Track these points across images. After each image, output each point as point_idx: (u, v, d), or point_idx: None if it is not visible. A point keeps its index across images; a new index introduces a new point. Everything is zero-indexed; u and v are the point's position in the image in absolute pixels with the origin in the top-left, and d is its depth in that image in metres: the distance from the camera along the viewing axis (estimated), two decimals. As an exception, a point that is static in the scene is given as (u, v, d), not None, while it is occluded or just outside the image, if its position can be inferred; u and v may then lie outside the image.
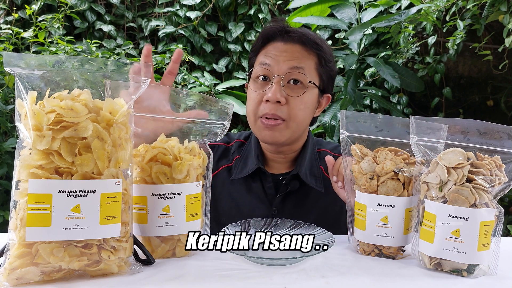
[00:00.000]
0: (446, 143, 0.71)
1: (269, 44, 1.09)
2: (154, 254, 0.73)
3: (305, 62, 1.06)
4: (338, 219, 1.05)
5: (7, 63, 0.61)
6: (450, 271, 0.70)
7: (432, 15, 2.25)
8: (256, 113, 1.06)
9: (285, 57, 1.04)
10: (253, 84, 1.08)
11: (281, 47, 1.06)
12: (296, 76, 1.03)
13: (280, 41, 1.07)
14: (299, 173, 1.10)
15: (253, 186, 1.13)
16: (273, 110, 1.02)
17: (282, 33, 1.07)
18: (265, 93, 1.03)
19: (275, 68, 1.03)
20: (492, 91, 2.84)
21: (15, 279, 0.59)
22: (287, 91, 1.03)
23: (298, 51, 1.06)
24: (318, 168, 1.15)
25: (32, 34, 2.17)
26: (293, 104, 1.04)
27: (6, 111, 2.02)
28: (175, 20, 2.84)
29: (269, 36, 1.08)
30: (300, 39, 1.06)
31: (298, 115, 1.05)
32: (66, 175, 0.60)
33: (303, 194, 1.12)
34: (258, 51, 1.10)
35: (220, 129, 0.82)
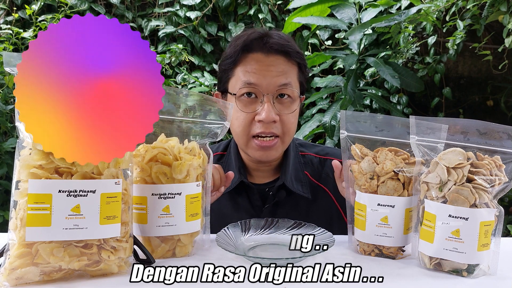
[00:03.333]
0: (446, 143, 0.71)
1: (248, 55, 1.02)
2: (154, 254, 0.73)
3: (291, 76, 1.03)
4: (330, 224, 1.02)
5: (7, 63, 0.61)
6: (450, 271, 0.70)
7: (432, 15, 2.25)
8: (248, 133, 1.02)
9: (271, 72, 1.00)
10: (239, 103, 1.01)
11: (264, 60, 1.01)
12: (285, 91, 1.01)
13: (260, 51, 1.01)
14: (285, 182, 1.08)
15: (239, 200, 1.10)
16: (268, 129, 1.00)
17: (262, 43, 1.01)
18: (256, 113, 1.00)
19: (263, 86, 0.99)
20: (492, 91, 2.84)
21: (15, 279, 0.59)
22: (278, 107, 1.01)
23: (282, 64, 1.01)
24: (303, 173, 1.13)
25: (32, 34, 2.17)
26: (286, 120, 1.02)
27: (6, 111, 2.02)
28: (175, 20, 2.84)
29: (248, 47, 1.02)
30: (282, 50, 1.01)
31: (291, 129, 1.05)
32: (66, 175, 0.60)
33: (291, 203, 1.10)
34: (235, 62, 1.03)
35: (220, 129, 0.82)
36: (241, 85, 1.01)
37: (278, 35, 1.04)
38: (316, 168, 1.15)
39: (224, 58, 1.06)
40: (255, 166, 1.13)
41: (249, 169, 1.14)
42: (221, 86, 1.09)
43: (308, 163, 1.16)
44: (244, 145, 1.05)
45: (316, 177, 1.14)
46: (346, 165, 0.84)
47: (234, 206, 1.10)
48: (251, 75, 1.00)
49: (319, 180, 1.14)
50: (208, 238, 0.82)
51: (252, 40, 1.02)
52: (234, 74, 1.04)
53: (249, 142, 1.03)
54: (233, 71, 1.04)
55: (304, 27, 2.93)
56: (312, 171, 1.14)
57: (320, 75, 2.90)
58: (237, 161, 1.12)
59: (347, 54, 2.25)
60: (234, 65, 1.03)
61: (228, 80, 1.05)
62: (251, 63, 1.01)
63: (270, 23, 2.92)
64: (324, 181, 1.13)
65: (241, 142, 1.05)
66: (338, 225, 1.10)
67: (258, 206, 1.09)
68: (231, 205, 1.10)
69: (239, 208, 1.10)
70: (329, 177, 1.13)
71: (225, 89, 1.07)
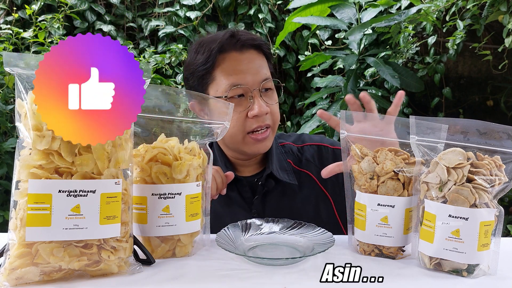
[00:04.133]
0: (446, 143, 0.71)
1: (224, 56, 1.04)
2: (154, 254, 0.73)
3: (266, 68, 1.08)
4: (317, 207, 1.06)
5: (7, 63, 0.61)
6: (450, 271, 0.70)
7: (432, 15, 2.25)
8: (244, 131, 1.05)
9: (251, 69, 1.03)
10: None
11: (241, 59, 1.04)
12: (267, 85, 1.06)
13: (233, 50, 1.04)
14: (272, 171, 1.11)
15: (230, 195, 1.12)
16: (263, 122, 1.04)
17: (234, 41, 1.04)
18: (247, 110, 1.03)
19: (249, 84, 1.03)
20: (492, 91, 2.84)
21: (15, 279, 0.59)
22: (266, 100, 1.05)
23: (256, 58, 1.06)
24: (286, 162, 1.17)
25: (32, 34, 2.17)
26: (274, 110, 1.08)
27: (6, 111, 2.02)
28: (175, 20, 2.84)
29: (222, 48, 1.03)
30: (253, 44, 1.06)
31: (278, 118, 1.10)
32: (66, 175, 0.60)
33: (280, 192, 1.13)
34: (213, 65, 1.03)
35: (220, 129, 0.82)
36: (227, 87, 1.02)
37: (244, 31, 1.08)
38: (296, 155, 1.20)
39: (197, 65, 1.05)
40: (240, 162, 1.16)
41: (235, 164, 1.17)
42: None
43: (289, 151, 1.21)
44: (239, 144, 1.07)
45: (297, 164, 1.19)
46: (346, 165, 0.84)
47: (226, 201, 1.12)
48: (234, 76, 1.02)
49: (301, 166, 1.18)
50: (208, 238, 0.82)
51: (225, 40, 1.04)
52: (214, 78, 1.04)
53: (244, 139, 1.06)
54: (211, 75, 1.04)
55: (304, 27, 2.93)
56: (294, 159, 1.19)
57: (320, 75, 2.90)
58: (222, 158, 1.15)
59: (347, 54, 2.25)
60: (212, 69, 1.04)
61: (207, 85, 1.06)
62: (230, 64, 1.03)
63: (270, 23, 2.92)
64: (305, 166, 1.18)
65: (236, 141, 1.06)
66: (325, 206, 1.14)
67: (248, 198, 1.12)
68: (223, 200, 1.11)
69: (231, 202, 1.12)
70: (310, 162, 1.19)
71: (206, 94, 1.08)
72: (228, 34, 1.05)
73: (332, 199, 1.15)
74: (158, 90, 0.79)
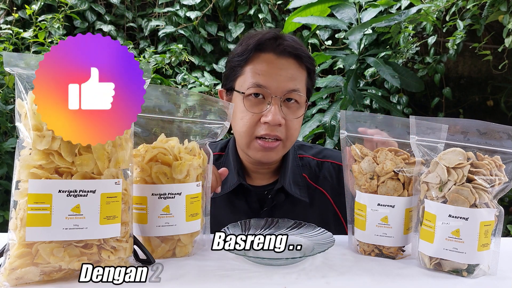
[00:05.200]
0: (446, 143, 0.71)
1: (260, 55, 1.01)
2: (154, 254, 0.73)
3: (300, 81, 1.02)
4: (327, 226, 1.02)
5: (7, 63, 0.61)
6: (450, 271, 0.70)
7: (432, 15, 2.25)
8: (252, 134, 1.01)
9: (281, 76, 0.99)
10: (246, 102, 1.00)
11: (275, 62, 1.00)
12: (293, 96, 1.01)
13: (272, 52, 1.00)
14: (284, 185, 1.07)
15: (236, 203, 1.09)
16: (273, 131, 0.99)
17: (275, 44, 1.01)
18: (262, 114, 0.99)
19: (272, 89, 0.98)
20: (492, 91, 2.84)
21: (15, 279, 0.59)
22: (285, 111, 1.00)
23: (292, 68, 1.01)
24: (301, 176, 1.12)
25: (32, 34, 2.17)
26: (291, 125, 1.02)
27: (6, 111, 2.02)
28: (175, 20, 2.84)
29: (261, 46, 1.01)
30: (294, 53, 1.01)
31: (295, 135, 1.04)
32: (66, 175, 0.60)
33: (289, 206, 1.09)
34: (247, 59, 1.01)
35: (220, 129, 0.82)
36: (250, 85, 1.00)
37: (292, 38, 1.04)
38: (314, 170, 1.15)
39: (234, 55, 1.05)
40: (254, 168, 1.12)
41: (248, 171, 1.13)
42: (228, 84, 1.07)
43: (306, 165, 1.15)
44: (245, 146, 1.04)
45: (313, 179, 1.14)
46: (346, 165, 0.84)
47: (231, 209, 1.09)
48: (261, 76, 0.99)
49: (317, 182, 1.13)
50: (208, 238, 0.82)
51: (266, 40, 1.01)
52: (243, 72, 1.02)
53: (251, 143, 1.02)
54: (242, 69, 1.02)
55: (304, 27, 2.93)
56: (310, 174, 1.14)
57: (320, 75, 2.90)
58: (236, 163, 1.11)
59: (347, 54, 2.25)
60: (245, 63, 1.02)
61: (236, 78, 1.04)
62: (262, 64, 1.00)
63: (270, 23, 2.92)
64: (321, 183, 1.13)
65: (243, 142, 1.04)
66: (335, 227, 1.10)
67: (255, 209, 1.09)
68: (229, 207, 1.09)
69: (236, 211, 1.09)
70: (327, 180, 1.13)
71: (232, 87, 1.05)
72: (271, 35, 1.01)
73: (343, 220, 1.11)
74: (158, 90, 0.79)
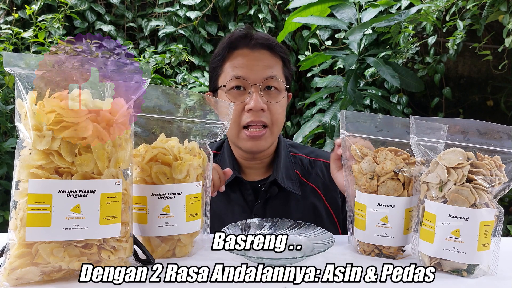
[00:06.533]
0: (446, 143, 0.71)
1: (235, 52, 1.08)
2: (154, 254, 0.73)
3: (276, 68, 1.08)
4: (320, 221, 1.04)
5: (7, 63, 0.61)
6: (450, 271, 0.70)
7: (432, 15, 2.25)
8: (239, 124, 1.06)
9: (258, 66, 1.05)
10: (229, 95, 1.07)
11: (249, 55, 1.07)
12: (272, 83, 1.07)
13: (246, 47, 1.07)
14: (277, 178, 1.11)
15: (232, 196, 1.13)
16: (257, 117, 1.04)
17: (247, 39, 1.08)
18: (245, 103, 1.05)
19: (250, 78, 1.05)
20: (492, 91, 2.84)
21: (15, 279, 0.59)
22: (266, 98, 1.06)
23: (267, 58, 1.08)
24: (294, 172, 1.16)
25: (32, 34, 2.17)
26: (274, 110, 1.07)
27: (6, 111, 2.02)
28: (175, 20, 2.84)
29: (234, 44, 1.08)
30: (266, 45, 1.08)
31: (279, 120, 1.09)
32: (66, 175, 0.60)
33: (282, 199, 1.13)
34: (223, 59, 1.09)
35: (220, 129, 0.82)
36: (230, 77, 1.06)
37: (262, 33, 1.11)
38: (306, 168, 1.19)
39: (213, 57, 1.13)
40: (247, 164, 1.16)
41: (242, 167, 1.17)
42: (212, 85, 1.15)
43: (298, 162, 1.20)
44: (235, 137, 1.09)
45: (305, 176, 1.17)
46: (346, 165, 0.84)
47: (227, 201, 1.13)
48: (239, 69, 1.06)
49: (309, 179, 1.17)
50: (208, 238, 0.82)
51: (237, 38, 1.08)
52: (223, 70, 1.09)
53: (239, 133, 1.07)
54: (222, 68, 1.10)
55: (304, 27, 2.93)
56: (302, 171, 1.18)
57: (320, 75, 2.90)
58: (231, 159, 1.16)
59: (347, 54, 2.25)
60: (223, 62, 1.09)
61: (217, 77, 1.11)
62: (238, 58, 1.07)
63: (270, 23, 2.92)
64: (313, 180, 1.17)
65: (233, 134, 1.09)
66: (328, 222, 1.13)
67: (251, 201, 1.12)
68: (224, 199, 1.13)
69: (232, 202, 1.13)
70: (319, 177, 1.17)
71: (215, 86, 1.12)
72: (243, 33, 1.08)
73: (334, 215, 1.14)
74: (158, 90, 0.79)
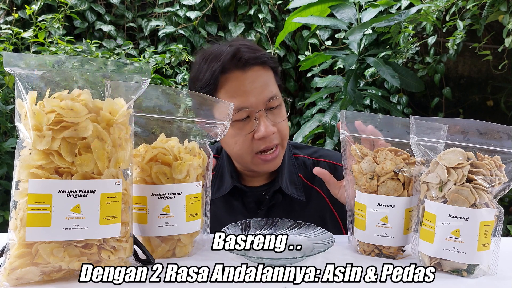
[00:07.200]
0: (446, 143, 0.71)
1: (226, 77, 0.98)
2: (154, 254, 0.73)
3: (271, 84, 1.03)
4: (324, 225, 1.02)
5: (7, 63, 0.61)
6: (450, 271, 0.70)
7: (432, 15, 2.26)
8: (251, 152, 1.01)
9: (255, 89, 0.98)
10: (234, 128, 0.99)
11: (244, 78, 0.98)
12: (274, 104, 1.01)
13: (236, 69, 0.98)
14: (281, 186, 1.08)
15: (233, 204, 1.10)
16: (271, 142, 1.01)
17: (236, 60, 0.98)
18: (253, 131, 0.99)
19: (253, 105, 0.98)
20: (492, 91, 2.84)
21: (15, 279, 0.59)
22: (272, 118, 1.01)
23: (261, 75, 1.00)
24: (297, 176, 1.13)
25: (32, 34, 2.17)
26: (282, 127, 1.03)
27: (6, 111, 2.02)
28: (175, 20, 2.84)
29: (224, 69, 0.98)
30: (256, 60, 1.00)
31: (287, 133, 1.06)
32: (66, 175, 0.60)
33: (286, 206, 1.10)
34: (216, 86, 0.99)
35: (220, 129, 0.82)
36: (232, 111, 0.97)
37: (248, 48, 1.01)
38: (309, 170, 1.15)
39: (200, 86, 1.01)
40: (249, 173, 1.12)
41: (242, 175, 1.14)
42: None
43: (301, 165, 1.16)
44: (248, 163, 1.04)
45: (309, 179, 1.14)
46: (346, 165, 0.84)
47: (228, 209, 1.10)
48: (237, 98, 0.97)
49: (313, 182, 1.14)
50: (208, 238, 0.82)
51: (227, 62, 0.98)
52: None
53: (253, 160, 1.03)
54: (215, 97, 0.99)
55: (304, 27, 2.93)
56: (305, 173, 1.15)
57: (320, 75, 2.90)
58: (229, 166, 1.12)
59: (347, 54, 2.25)
60: (215, 90, 1.00)
61: None
62: (233, 85, 0.99)
63: (270, 23, 2.92)
64: (318, 182, 1.13)
65: (245, 161, 1.04)
66: (333, 226, 1.11)
67: (252, 209, 1.10)
68: (226, 208, 1.10)
69: (233, 211, 1.10)
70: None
71: None
72: (230, 54, 0.98)
73: (339, 218, 1.12)
74: (158, 90, 0.79)
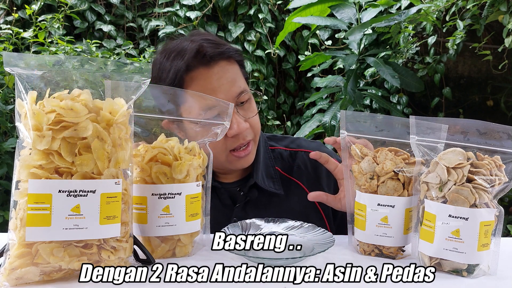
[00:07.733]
0: (446, 143, 0.71)
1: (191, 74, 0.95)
2: (154, 254, 0.73)
3: (238, 78, 0.99)
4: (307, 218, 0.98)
5: (7, 63, 0.61)
6: (450, 271, 0.70)
7: (432, 15, 2.26)
8: (225, 150, 0.98)
9: (223, 85, 0.95)
10: None
11: (210, 75, 0.95)
12: (244, 98, 0.98)
13: (201, 66, 0.95)
14: (257, 181, 1.05)
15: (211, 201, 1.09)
16: (244, 139, 0.98)
17: (200, 56, 0.94)
18: None
19: None
20: (492, 91, 2.84)
21: (15, 279, 0.59)
22: (243, 114, 0.98)
23: (227, 70, 0.97)
24: (274, 169, 1.10)
25: (32, 34, 2.17)
26: (254, 122, 1.01)
27: (6, 111, 2.02)
28: (175, 20, 2.84)
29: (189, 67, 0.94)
30: (221, 56, 0.96)
31: (259, 128, 1.04)
32: (66, 175, 0.60)
33: (263, 201, 1.07)
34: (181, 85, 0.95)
35: (220, 129, 0.82)
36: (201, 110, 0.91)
37: (209, 41, 0.98)
38: (287, 161, 1.12)
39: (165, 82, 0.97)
40: (221, 170, 1.09)
41: (215, 172, 1.09)
42: None
43: (278, 157, 1.13)
44: (223, 162, 1.01)
45: (287, 171, 1.11)
46: (346, 165, 0.84)
47: None
48: None
49: (291, 173, 1.11)
50: (208, 238, 0.82)
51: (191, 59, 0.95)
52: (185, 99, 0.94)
53: (228, 157, 1.00)
54: None
55: (304, 27, 2.93)
56: (283, 165, 1.12)
57: (320, 75, 2.90)
58: None
59: (347, 54, 2.25)
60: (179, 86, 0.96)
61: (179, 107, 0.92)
62: (199, 83, 0.95)
63: (270, 23, 2.92)
64: (296, 174, 1.11)
65: (219, 161, 1.00)
66: (316, 218, 1.07)
67: (228, 205, 1.07)
68: None
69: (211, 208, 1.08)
70: (301, 170, 1.11)
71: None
72: (194, 51, 0.95)
73: (322, 210, 1.08)
74: (158, 90, 0.79)
